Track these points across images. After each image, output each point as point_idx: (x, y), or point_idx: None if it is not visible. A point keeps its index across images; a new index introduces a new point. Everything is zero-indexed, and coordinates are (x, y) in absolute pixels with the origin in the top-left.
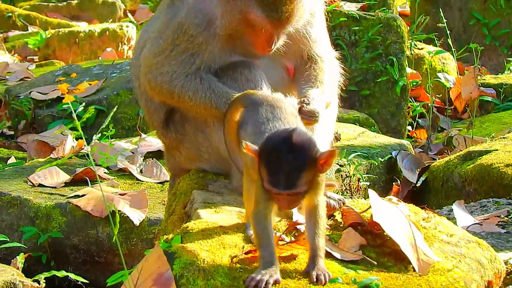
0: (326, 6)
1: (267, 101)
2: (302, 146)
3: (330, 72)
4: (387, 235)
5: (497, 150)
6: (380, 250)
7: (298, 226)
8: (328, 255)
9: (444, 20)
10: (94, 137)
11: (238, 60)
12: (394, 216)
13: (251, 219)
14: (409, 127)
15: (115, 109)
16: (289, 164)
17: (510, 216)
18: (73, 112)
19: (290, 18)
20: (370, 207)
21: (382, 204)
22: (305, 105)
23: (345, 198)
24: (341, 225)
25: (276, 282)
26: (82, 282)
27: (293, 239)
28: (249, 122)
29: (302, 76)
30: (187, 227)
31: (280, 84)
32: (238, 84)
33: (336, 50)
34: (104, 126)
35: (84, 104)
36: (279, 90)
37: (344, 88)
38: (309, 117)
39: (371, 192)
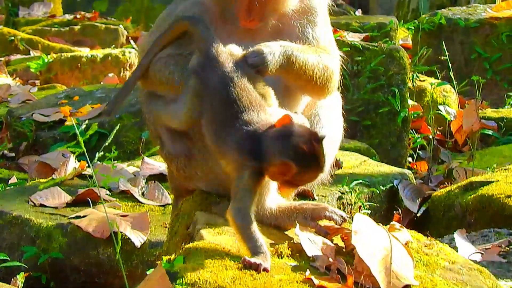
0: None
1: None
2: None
3: (327, 62)
4: None
5: (498, 181)
6: None
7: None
8: None
9: (447, 53)
10: (97, 154)
11: None
12: (375, 240)
13: (233, 215)
14: (410, 159)
15: (118, 127)
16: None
17: (511, 246)
18: (75, 128)
19: None
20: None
21: (365, 228)
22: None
23: (348, 216)
24: (344, 250)
25: (265, 270)
26: None
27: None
28: None
29: None
30: (190, 247)
31: (277, 91)
32: None
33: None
34: (107, 144)
35: (86, 125)
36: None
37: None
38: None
39: (357, 216)
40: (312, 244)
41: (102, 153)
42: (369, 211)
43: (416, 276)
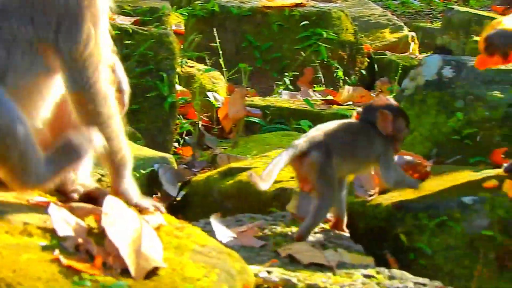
0: None
1: None
2: None
3: None
4: None
5: (256, 167)
6: None
7: None
8: None
9: (218, 40)
10: None
11: None
12: (126, 222)
13: None
14: (176, 144)
15: None
16: None
17: (265, 230)
18: None
19: None
20: None
21: (116, 210)
22: None
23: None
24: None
25: None
26: None
27: None
28: None
29: None
30: None
31: None
32: None
33: None
34: None
35: None
36: None
37: None
38: None
39: (107, 198)
40: (65, 224)
41: None
42: None
43: (165, 259)
